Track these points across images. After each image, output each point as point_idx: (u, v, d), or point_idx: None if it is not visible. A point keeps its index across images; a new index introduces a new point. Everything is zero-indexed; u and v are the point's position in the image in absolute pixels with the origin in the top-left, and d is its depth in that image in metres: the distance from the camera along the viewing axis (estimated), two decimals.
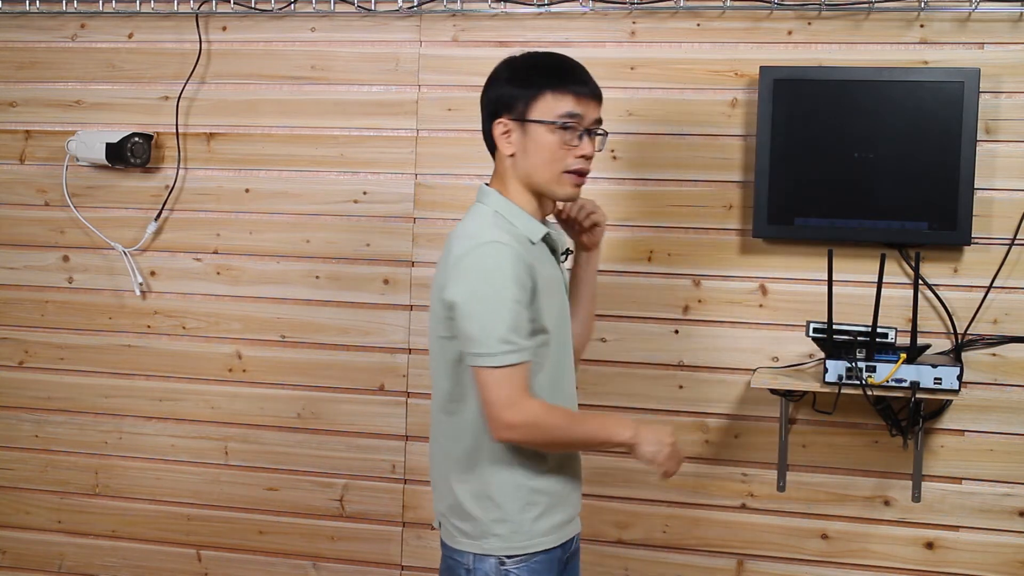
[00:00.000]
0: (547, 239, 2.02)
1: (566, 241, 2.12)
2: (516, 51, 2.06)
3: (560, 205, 2.12)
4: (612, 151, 2.80)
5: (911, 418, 2.59)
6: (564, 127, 1.96)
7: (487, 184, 2.05)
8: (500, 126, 1.99)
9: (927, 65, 2.67)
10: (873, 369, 2.48)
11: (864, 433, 2.75)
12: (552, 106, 1.96)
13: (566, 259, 2.11)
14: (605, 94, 2.04)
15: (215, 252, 3.08)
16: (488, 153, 2.03)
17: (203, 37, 3.04)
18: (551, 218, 2.12)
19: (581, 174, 2.00)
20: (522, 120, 1.97)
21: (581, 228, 2.17)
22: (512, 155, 2.00)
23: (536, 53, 2.06)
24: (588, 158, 2.00)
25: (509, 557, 1.99)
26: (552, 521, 2.02)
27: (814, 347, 2.64)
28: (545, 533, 2.01)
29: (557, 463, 2.03)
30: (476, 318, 1.90)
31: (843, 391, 2.50)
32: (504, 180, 2.03)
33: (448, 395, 2.02)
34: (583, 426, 2.00)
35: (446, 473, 2.05)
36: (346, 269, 3.00)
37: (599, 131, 2.02)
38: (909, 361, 2.49)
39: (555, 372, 2.02)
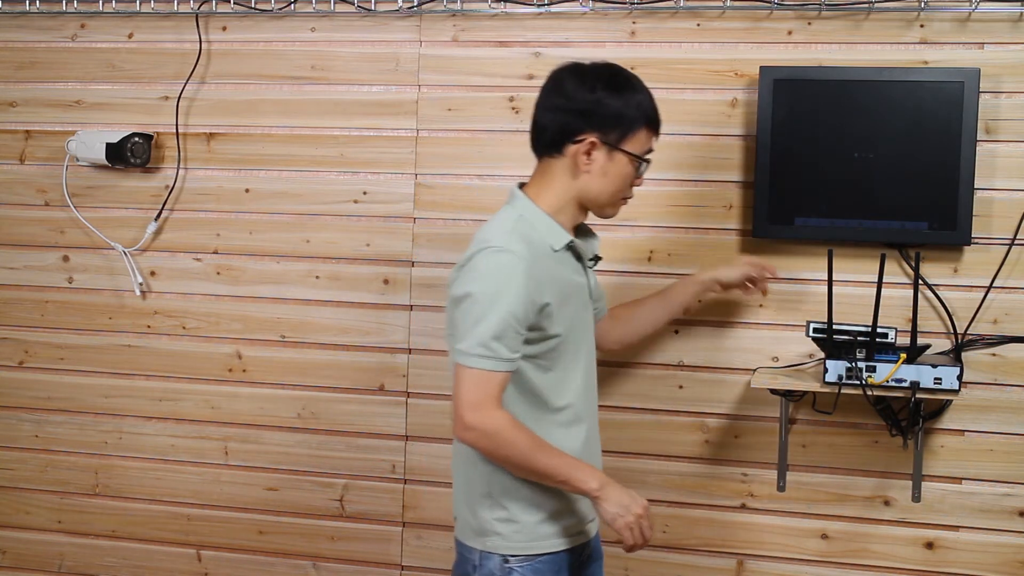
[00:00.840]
0: (572, 246, 2.03)
1: (595, 248, 2.15)
2: (589, 59, 2.08)
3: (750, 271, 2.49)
4: None
5: (911, 418, 2.59)
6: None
7: (521, 185, 2.07)
8: (585, 143, 1.98)
9: (927, 65, 2.67)
10: (873, 369, 2.48)
11: (864, 433, 2.75)
12: (644, 142, 2.01)
13: (595, 264, 2.13)
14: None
15: (215, 252, 3.08)
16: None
17: (203, 37, 3.04)
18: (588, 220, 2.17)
19: (628, 200, 2.09)
20: (614, 147, 1.97)
21: (741, 286, 2.50)
22: (587, 172, 2.00)
23: (628, 76, 2.06)
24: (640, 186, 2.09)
25: (513, 556, 2.01)
26: (559, 525, 2.04)
27: (814, 347, 2.64)
28: (550, 536, 2.03)
29: None
30: (467, 317, 1.93)
31: (843, 391, 2.50)
32: (547, 186, 2.03)
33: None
34: (546, 458, 1.94)
35: (459, 469, 2.10)
36: (346, 269, 3.01)
37: None
38: (909, 361, 2.49)
39: (563, 373, 2.04)
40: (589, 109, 1.98)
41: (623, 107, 1.97)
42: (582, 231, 2.15)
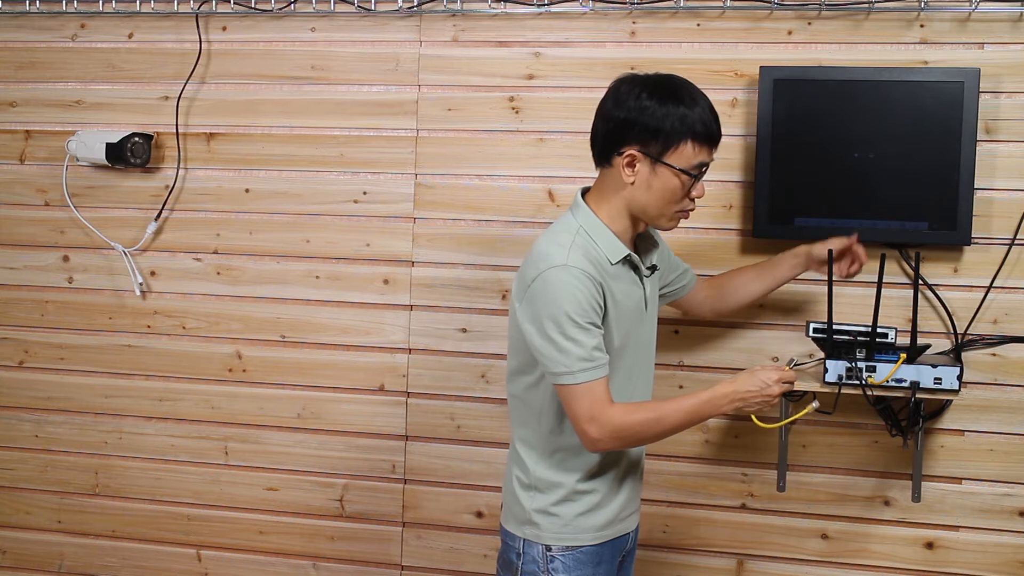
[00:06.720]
0: (628, 259, 2.04)
1: (652, 258, 2.15)
2: (642, 71, 2.06)
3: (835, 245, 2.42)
4: None
5: (911, 418, 2.59)
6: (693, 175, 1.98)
7: (584, 193, 2.08)
8: (627, 156, 1.98)
9: (927, 65, 2.67)
10: (873, 369, 2.48)
11: (864, 433, 2.75)
12: (691, 155, 1.96)
13: (651, 274, 2.14)
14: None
15: (215, 252, 3.08)
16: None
17: (203, 37, 3.04)
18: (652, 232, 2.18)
19: (688, 212, 2.04)
20: (656, 160, 1.96)
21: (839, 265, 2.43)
22: (632, 183, 1.99)
23: (679, 88, 2.00)
24: (700, 197, 2.04)
25: (555, 545, 2.07)
26: (599, 519, 2.09)
27: (814, 347, 2.64)
28: (590, 530, 2.08)
29: (602, 464, 2.09)
30: (550, 341, 1.94)
31: (843, 391, 2.50)
32: (605, 197, 2.04)
33: (512, 372, 2.11)
34: (672, 419, 2.00)
35: (509, 459, 2.15)
36: (346, 269, 3.01)
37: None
38: (909, 361, 2.49)
39: (621, 383, 2.08)
40: (631, 120, 1.97)
41: (663, 119, 1.95)
42: (644, 239, 2.16)
